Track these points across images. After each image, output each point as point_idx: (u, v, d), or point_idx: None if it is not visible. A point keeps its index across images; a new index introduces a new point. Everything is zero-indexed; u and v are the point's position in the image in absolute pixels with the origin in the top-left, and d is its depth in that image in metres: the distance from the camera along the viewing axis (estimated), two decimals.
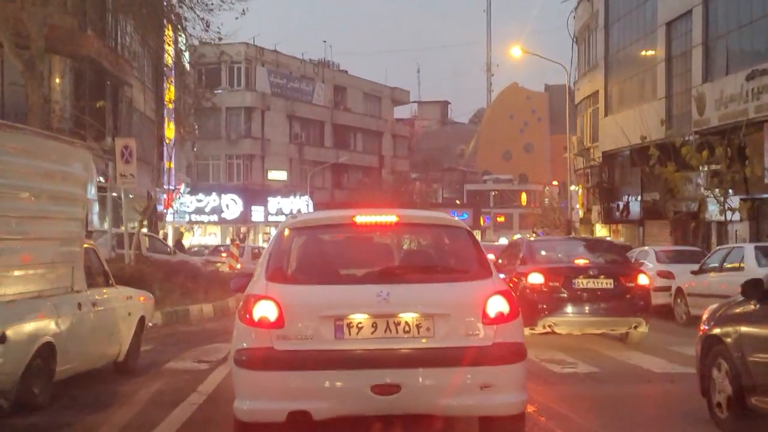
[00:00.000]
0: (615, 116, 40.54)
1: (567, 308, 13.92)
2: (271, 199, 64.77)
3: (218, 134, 64.28)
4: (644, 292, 14.42)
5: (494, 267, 7.00)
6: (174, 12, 24.41)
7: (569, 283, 13.98)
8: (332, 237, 7.41)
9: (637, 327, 14.04)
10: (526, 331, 10.96)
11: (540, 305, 13.76)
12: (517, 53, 47.81)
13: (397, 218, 7.12)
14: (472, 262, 6.85)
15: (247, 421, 6.38)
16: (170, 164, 43.19)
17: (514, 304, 6.57)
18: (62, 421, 8.18)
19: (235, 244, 36.02)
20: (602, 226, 45.17)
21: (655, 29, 36.46)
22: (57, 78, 27.02)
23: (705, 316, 8.58)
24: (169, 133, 42.65)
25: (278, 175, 68.55)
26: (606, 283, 14.11)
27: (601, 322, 14.16)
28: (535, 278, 14.06)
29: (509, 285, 9.08)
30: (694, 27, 32.33)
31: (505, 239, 60.12)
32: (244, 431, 6.46)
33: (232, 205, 63.50)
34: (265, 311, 6.30)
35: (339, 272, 6.88)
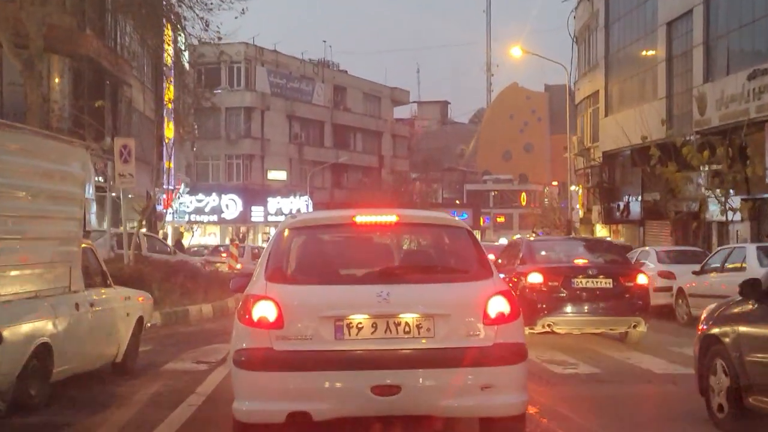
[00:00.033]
0: (615, 116, 40.46)
1: (566, 308, 13.97)
2: (270, 199, 64.81)
3: (218, 134, 64.25)
4: (643, 291, 14.45)
5: (495, 267, 6.96)
6: (173, 11, 24.38)
7: (568, 282, 14.03)
8: (332, 237, 7.36)
9: (636, 326, 14.06)
10: (525, 331, 10.92)
11: (539, 305, 13.80)
12: (517, 53, 47.86)
13: (397, 218, 7.09)
14: (472, 262, 6.81)
15: (247, 422, 6.34)
16: (170, 164, 43.16)
17: (515, 305, 6.53)
18: (60, 422, 8.14)
19: (235, 244, 35.98)
20: (602, 226, 45.10)
21: (655, 29, 36.41)
22: (56, 77, 27.02)
23: (703, 315, 8.60)
24: (168, 133, 42.60)
25: (278, 175, 68.56)
26: (605, 282, 14.14)
27: (600, 321, 14.20)
28: (534, 278, 14.10)
29: (508, 285, 9.05)
30: (694, 26, 32.28)
31: (504, 239, 60.02)
32: None
33: (231, 205, 63.58)
34: (265, 311, 6.27)
35: (339, 272, 6.84)
